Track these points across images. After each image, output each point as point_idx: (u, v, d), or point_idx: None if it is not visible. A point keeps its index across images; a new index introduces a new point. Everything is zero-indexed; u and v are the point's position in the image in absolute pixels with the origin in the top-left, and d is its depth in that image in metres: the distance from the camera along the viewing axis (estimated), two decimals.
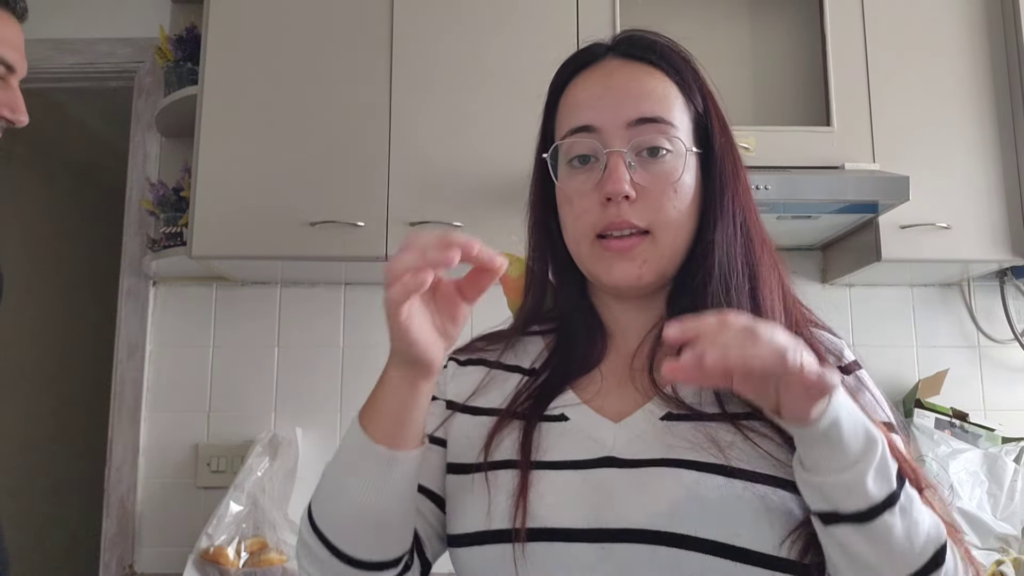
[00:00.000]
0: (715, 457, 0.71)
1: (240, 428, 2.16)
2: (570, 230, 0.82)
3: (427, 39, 1.98)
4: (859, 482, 0.63)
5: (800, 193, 1.84)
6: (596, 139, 0.79)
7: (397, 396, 0.71)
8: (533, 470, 0.74)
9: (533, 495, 0.73)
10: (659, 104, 0.79)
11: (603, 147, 0.78)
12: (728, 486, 0.69)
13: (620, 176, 0.76)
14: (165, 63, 2.18)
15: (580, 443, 0.76)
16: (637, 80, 0.80)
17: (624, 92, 0.79)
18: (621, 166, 0.77)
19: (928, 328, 2.27)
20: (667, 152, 0.78)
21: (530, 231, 0.89)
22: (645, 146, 0.78)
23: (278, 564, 1.91)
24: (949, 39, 2.05)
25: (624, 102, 0.79)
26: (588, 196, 0.79)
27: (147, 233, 2.22)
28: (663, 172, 0.78)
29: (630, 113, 0.78)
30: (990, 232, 1.97)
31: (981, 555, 1.86)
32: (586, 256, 0.80)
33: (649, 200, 0.77)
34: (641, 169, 0.78)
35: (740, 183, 0.82)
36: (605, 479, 0.72)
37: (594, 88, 0.81)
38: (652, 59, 0.81)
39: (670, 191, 0.78)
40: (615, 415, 0.77)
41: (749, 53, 2.18)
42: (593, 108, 0.80)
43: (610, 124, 0.78)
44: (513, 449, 0.76)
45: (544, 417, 0.79)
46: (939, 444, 2.00)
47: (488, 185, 1.91)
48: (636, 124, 0.78)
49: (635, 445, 0.74)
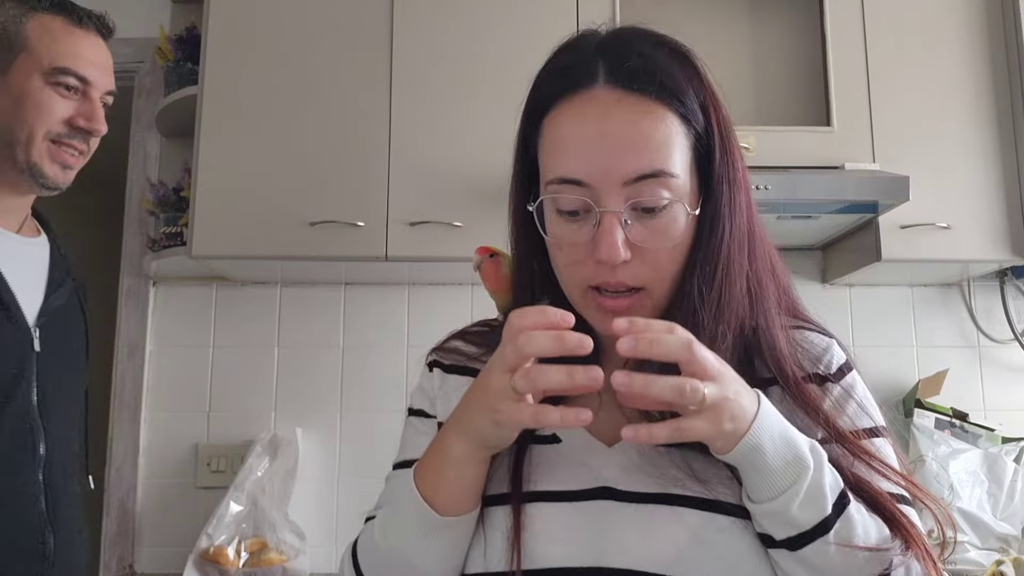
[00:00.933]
0: (707, 492, 0.70)
1: (240, 428, 2.16)
2: (561, 273, 0.76)
3: (427, 39, 1.98)
4: (785, 510, 0.64)
5: (800, 193, 1.84)
6: (588, 196, 0.71)
7: (468, 471, 0.70)
8: (527, 504, 0.72)
9: (528, 533, 0.70)
10: (659, 154, 0.70)
11: (596, 206, 0.70)
12: (729, 526, 0.68)
13: (614, 241, 0.69)
14: (165, 63, 2.18)
15: (574, 470, 0.73)
16: (635, 124, 0.70)
17: (621, 141, 0.70)
18: (616, 228, 0.69)
19: (928, 328, 2.27)
20: (666, 204, 0.71)
21: (514, 260, 0.84)
22: (643, 205, 0.71)
23: (278, 564, 1.92)
24: (949, 39, 2.05)
25: (621, 155, 0.70)
26: (580, 248, 0.72)
27: (147, 233, 2.22)
28: (661, 228, 0.71)
29: (628, 170, 0.70)
30: (990, 232, 1.97)
31: (981, 555, 1.87)
32: (579, 304, 0.75)
33: (645, 258, 0.71)
34: (638, 224, 0.71)
35: (737, 212, 0.74)
36: (603, 513, 0.71)
37: (586, 132, 0.71)
38: (651, 91, 0.71)
39: (668, 246, 0.72)
40: (608, 437, 0.75)
41: (749, 53, 2.18)
42: (585, 159, 0.70)
43: (605, 180, 0.70)
44: (505, 480, 0.73)
45: (536, 439, 0.76)
46: (939, 444, 2.00)
47: (488, 185, 1.91)
48: (634, 182, 0.70)
49: (631, 475, 0.72)
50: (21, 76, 1.16)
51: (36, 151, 1.17)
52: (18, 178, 1.18)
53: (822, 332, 0.81)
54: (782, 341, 0.76)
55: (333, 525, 2.14)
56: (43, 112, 1.16)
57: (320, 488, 2.15)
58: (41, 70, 1.16)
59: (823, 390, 0.76)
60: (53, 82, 1.17)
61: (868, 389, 0.79)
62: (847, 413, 0.75)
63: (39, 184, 1.19)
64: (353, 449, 2.17)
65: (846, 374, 0.78)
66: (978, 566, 1.84)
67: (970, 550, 1.88)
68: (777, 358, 0.75)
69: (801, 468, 0.64)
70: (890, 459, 0.74)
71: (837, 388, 0.76)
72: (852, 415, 0.75)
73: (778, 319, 0.77)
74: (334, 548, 2.12)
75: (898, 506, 0.69)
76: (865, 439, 0.73)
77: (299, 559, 1.95)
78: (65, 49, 1.18)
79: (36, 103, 1.16)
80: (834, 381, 0.77)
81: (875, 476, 0.71)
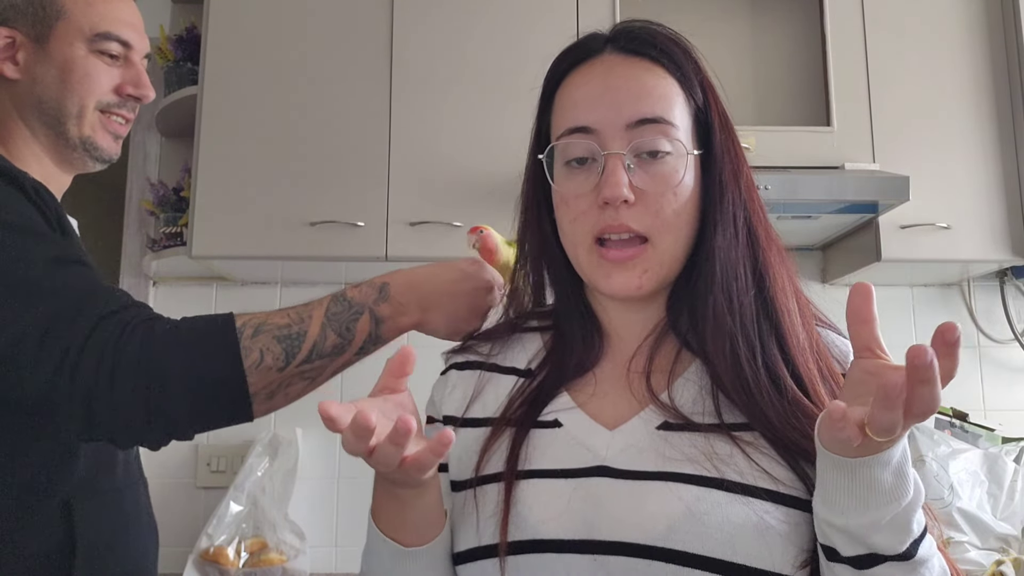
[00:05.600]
0: (713, 471, 0.69)
1: (240, 428, 2.12)
2: (567, 233, 0.79)
3: (427, 38, 1.98)
4: (874, 527, 0.61)
5: (800, 193, 1.84)
6: (594, 140, 0.76)
7: (420, 504, 0.71)
8: (522, 480, 0.73)
9: (522, 506, 0.71)
10: (660, 103, 0.76)
11: (601, 149, 0.75)
12: (728, 502, 0.68)
13: (618, 180, 0.74)
14: (165, 63, 2.18)
15: (572, 451, 0.74)
16: (637, 78, 0.77)
17: (623, 91, 0.76)
18: (620, 169, 0.74)
19: (928, 328, 2.23)
20: (667, 153, 0.75)
21: (523, 231, 0.87)
22: (645, 148, 0.75)
23: (278, 564, 1.92)
24: (949, 39, 2.05)
25: (623, 102, 0.76)
26: (585, 198, 0.76)
27: (147, 233, 2.22)
28: (663, 174, 0.75)
29: (630, 114, 0.75)
30: (990, 232, 1.97)
31: (981, 555, 1.86)
32: (584, 262, 0.78)
33: (648, 203, 0.75)
34: (640, 171, 0.75)
35: (742, 181, 0.79)
36: (597, 489, 0.71)
37: (592, 86, 0.78)
38: (652, 54, 0.78)
39: (669, 194, 0.75)
40: (610, 421, 0.76)
41: (749, 53, 2.18)
42: (591, 108, 0.77)
43: (609, 125, 0.76)
44: (503, 461, 0.75)
45: (537, 423, 0.77)
46: (939, 444, 1.99)
47: (488, 184, 1.91)
48: (636, 125, 0.75)
49: (630, 455, 0.73)
50: (63, 44, 1.08)
51: (88, 124, 1.10)
52: (71, 154, 1.11)
53: (840, 334, 0.81)
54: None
55: (333, 525, 2.14)
56: (92, 82, 1.09)
57: (320, 488, 2.15)
58: (84, 37, 1.08)
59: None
60: (96, 49, 1.10)
61: None
62: None
63: (92, 158, 1.12)
64: None
65: None
66: (978, 566, 1.84)
67: (970, 550, 1.87)
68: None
69: (908, 486, 0.61)
70: None
71: None
72: None
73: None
74: (334, 548, 2.12)
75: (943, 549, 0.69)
76: None
77: (299, 559, 1.95)
78: (105, 12, 1.11)
79: (83, 73, 1.09)
80: None
81: None
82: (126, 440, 0.87)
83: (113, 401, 0.79)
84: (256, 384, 0.84)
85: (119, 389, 0.79)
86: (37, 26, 1.08)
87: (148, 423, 0.81)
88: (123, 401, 0.80)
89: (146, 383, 0.80)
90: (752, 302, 0.76)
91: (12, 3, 1.08)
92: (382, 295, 0.91)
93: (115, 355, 0.80)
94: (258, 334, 0.85)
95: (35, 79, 1.07)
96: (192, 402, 0.82)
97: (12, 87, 1.08)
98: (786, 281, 0.78)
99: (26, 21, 1.07)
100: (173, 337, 0.83)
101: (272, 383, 0.86)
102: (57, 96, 1.08)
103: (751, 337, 0.74)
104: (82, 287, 0.86)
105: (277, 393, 0.87)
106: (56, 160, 1.12)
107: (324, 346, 0.87)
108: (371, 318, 0.89)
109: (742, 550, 0.66)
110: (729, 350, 0.74)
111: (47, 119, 1.08)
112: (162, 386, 0.80)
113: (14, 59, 1.07)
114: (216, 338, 0.85)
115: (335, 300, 0.90)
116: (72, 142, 1.10)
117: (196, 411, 0.83)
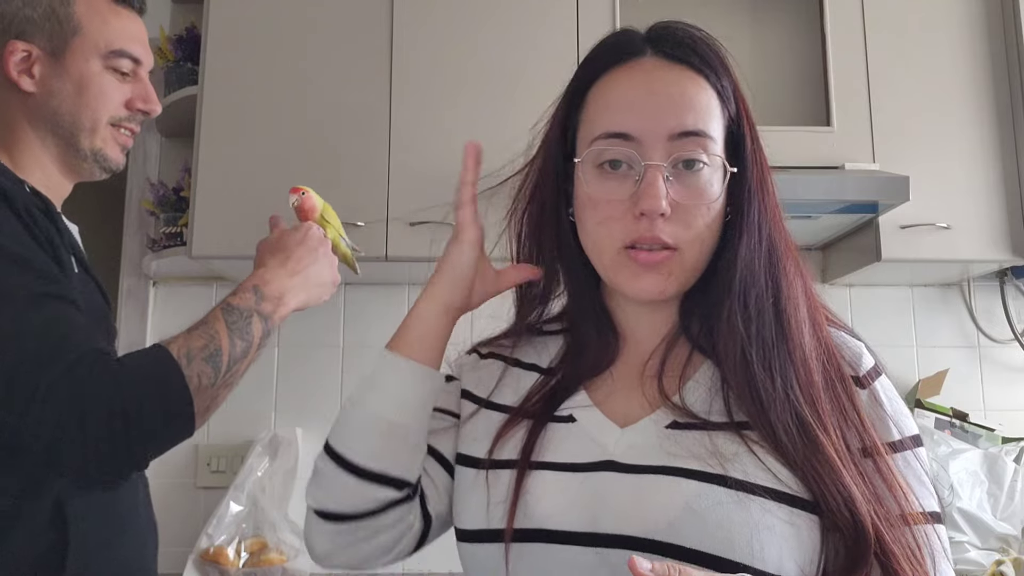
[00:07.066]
0: (717, 468, 0.70)
1: (240, 428, 2.16)
2: (591, 233, 0.78)
3: (427, 39, 1.98)
4: None
5: (800, 193, 1.84)
6: (633, 148, 0.74)
7: (431, 325, 0.81)
8: (533, 471, 0.75)
9: (530, 496, 0.73)
10: (701, 116, 0.75)
11: (641, 159, 0.74)
12: (729, 499, 0.68)
13: (658, 192, 0.73)
14: (165, 63, 2.18)
15: (582, 445, 0.76)
16: (680, 87, 0.76)
17: (667, 100, 0.75)
18: (660, 181, 0.73)
19: (928, 328, 2.27)
20: (704, 166, 0.75)
21: (536, 226, 0.87)
22: (683, 159, 0.74)
23: (278, 564, 1.92)
24: (949, 39, 2.05)
25: (667, 112, 0.74)
26: (618, 205, 0.75)
27: (147, 233, 2.22)
28: (698, 188, 0.75)
29: (673, 125, 0.74)
30: (990, 232, 1.97)
31: (981, 555, 1.87)
32: (609, 264, 0.78)
33: (681, 216, 0.74)
34: (677, 183, 0.74)
35: (767, 193, 0.79)
36: (603, 483, 0.72)
37: (634, 91, 0.76)
38: (695, 63, 0.77)
39: (704, 208, 0.75)
40: (622, 420, 0.77)
41: (749, 53, 2.18)
42: (633, 115, 0.75)
43: (651, 135, 0.74)
44: (517, 449, 0.77)
45: (553, 418, 0.79)
46: (939, 444, 2.00)
47: (488, 185, 1.90)
48: (677, 138, 0.74)
49: (636, 450, 0.73)
50: (79, 60, 1.12)
51: (100, 137, 1.14)
52: (80, 164, 1.15)
53: (853, 335, 0.81)
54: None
55: None
56: (107, 98, 1.14)
57: None
58: (99, 53, 1.13)
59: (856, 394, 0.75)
60: (110, 66, 1.14)
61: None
62: (873, 421, 0.74)
63: (101, 168, 1.17)
64: None
65: (877, 379, 0.78)
66: (978, 566, 1.84)
67: (970, 550, 1.88)
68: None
69: None
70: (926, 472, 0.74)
71: (865, 395, 0.76)
72: (879, 427, 0.74)
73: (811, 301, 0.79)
74: None
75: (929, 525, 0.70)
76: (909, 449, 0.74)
77: (299, 559, 1.95)
78: (118, 30, 1.15)
79: (99, 89, 1.13)
80: (863, 389, 0.76)
81: (916, 494, 0.71)
82: (95, 477, 0.95)
83: (82, 440, 0.86)
84: (200, 405, 0.95)
85: (88, 430, 0.86)
86: (54, 41, 1.11)
87: (115, 458, 0.89)
88: (92, 439, 0.86)
89: (114, 423, 0.87)
90: (766, 310, 0.76)
91: (29, 18, 1.10)
92: (258, 296, 1.09)
93: (82, 400, 0.86)
94: (191, 360, 0.95)
95: (51, 92, 1.10)
96: (154, 435, 0.91)
97: (27, 99, 1.10)
98: (799, 291, 0.78)
99: (43, 36, 1.10)
100: (129, 377, 0.91)
101: (207, 399, 0.97)
102: (72, 110, 1.12)
103: (763, 342, 0.74)
104: (55, 333, 0.91)
105: (212, 407, 0.99)
106: (62, 169, 1.15)
107: (235, 353, 1.01)
108: (260, 318, 1.07)
109: (741, 549, 0.66)
110: (740, 354, 0.74)
111: (60, 131, 1.12)
112: (126, 424, 0.87)
113: (30, 72, 1.10)
114: (166, 375, 0.93)
115: (226, 311, 1.04)
116: (83, 153, 1.14)
117: (159, 443, 0.93)
